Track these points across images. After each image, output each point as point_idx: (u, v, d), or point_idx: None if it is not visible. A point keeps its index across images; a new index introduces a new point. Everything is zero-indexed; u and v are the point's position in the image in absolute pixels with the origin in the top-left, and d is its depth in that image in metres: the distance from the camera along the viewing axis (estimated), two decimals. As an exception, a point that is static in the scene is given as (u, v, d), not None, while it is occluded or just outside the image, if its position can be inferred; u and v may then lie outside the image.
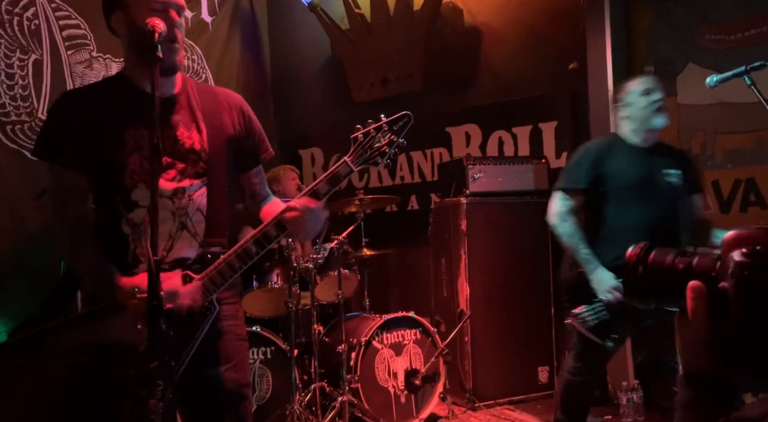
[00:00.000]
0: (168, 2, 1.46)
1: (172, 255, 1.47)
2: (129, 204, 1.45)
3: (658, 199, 2.39)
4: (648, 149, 2.46)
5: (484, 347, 3.46)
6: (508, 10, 3.93)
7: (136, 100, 1.47)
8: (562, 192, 2.48)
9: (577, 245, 2.39)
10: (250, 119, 1.63)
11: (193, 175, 1.50)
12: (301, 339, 3.24)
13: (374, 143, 1.43)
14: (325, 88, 4.69)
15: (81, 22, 3.46)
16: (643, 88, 2.44)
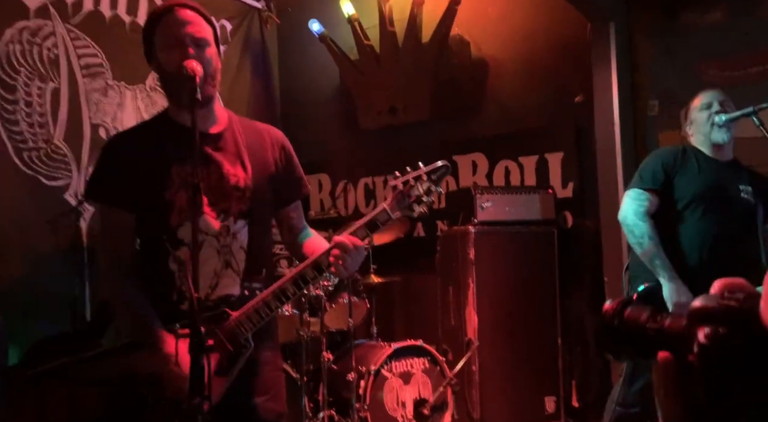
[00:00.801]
0: (188, 37, 1.46)
1: (217, 293, 1.49)
2: (176, 242, 1.46)
3: (731, 211, 2.29)
4: (723, 163, 2.39)
5: (492, 376, 3.46)
6: (514, 43, 4.03)
7: (182, 139, 1.49)
8: (636, 190, 2.33)
9: (657, 248, 2.22)
10: (291, 156, 1.66)
11: (237, 213, 1.52)
12: (310, 367, 3.24)
13: (413, 191, 1.45)
14: (333, 115, 4.76)
15: (98, 52, 3.54)
16: (702, 103, 2.41)
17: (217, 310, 1.45)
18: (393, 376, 3.15)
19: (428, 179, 1.45)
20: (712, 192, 2.31)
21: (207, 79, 1.47)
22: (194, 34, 1.47)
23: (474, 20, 4.16)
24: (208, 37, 1.52)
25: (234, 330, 1.44)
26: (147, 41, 1.55)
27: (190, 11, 1.51)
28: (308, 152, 4.90)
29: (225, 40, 4.47)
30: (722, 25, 3.43)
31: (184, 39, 1.46)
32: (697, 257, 2.28)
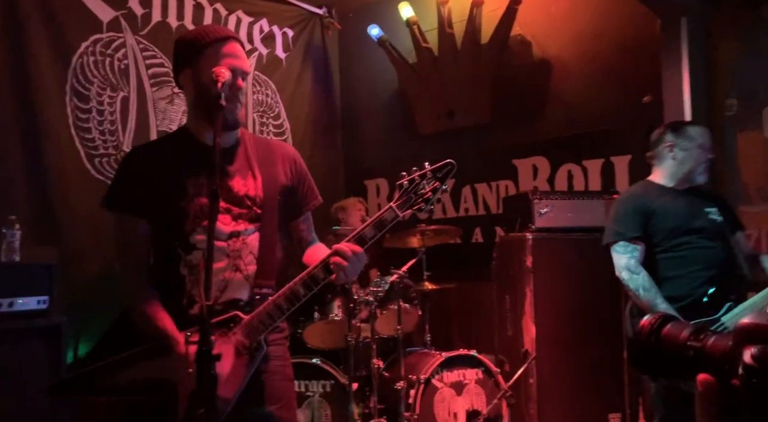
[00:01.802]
0: (236, 68, 1.55)
1: (226, 296, 1.53)
2: (188, 247, 1.53)
3: (708, 235, 2.35)
4: (683, 191, 2.47)
5: (551, 390, 3.31)
6: (580, 42, 3.85)
7: (197, 152, 1.58)
8: (623, 243, 2.39)
9: (655, 298, 2.28)
10: (301, 170, 1.72)
11: (247, 220, 1.57)
12: (361, 373, 3.23)
13: (419, 189, 1.45)
14: (392, 120, 4.75)
15: (165, 61, 3.71)
16: (703, 141, 2.45)
17: (227, 314, 1.47)
18: (444, 386, 3.08)
19: (434, 177, 1.43)
20: (687, 223, 2.37)
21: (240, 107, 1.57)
22: (244, 68, 1.58)
23: (536, 20, 4.02)
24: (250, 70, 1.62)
25: (247, 333, 1.46)
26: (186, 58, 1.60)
27: (240, 45, 1.62)
28: (367, 157, 4.95)
29: (287, 48, 4.57)
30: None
31: (237, 71, 1.55)
32: (689, 289, 2.31)
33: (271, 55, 4.46)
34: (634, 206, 2.43)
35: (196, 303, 1.51)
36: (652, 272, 2.37)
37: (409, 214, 1.47)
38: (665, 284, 2.34)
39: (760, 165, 3.27)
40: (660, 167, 2.51)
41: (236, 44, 1.59)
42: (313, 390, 2.94)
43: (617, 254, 2.42)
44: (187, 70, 1.59)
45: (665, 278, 2.35)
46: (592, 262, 3.43)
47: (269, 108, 4.43)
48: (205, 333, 1.17)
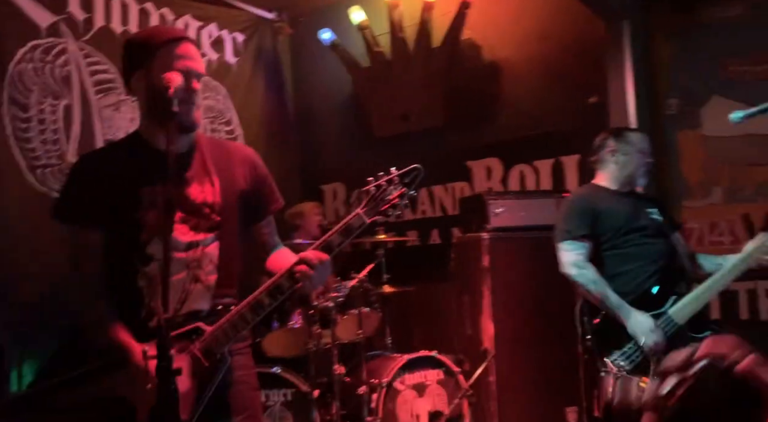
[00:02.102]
0: (191, 70, 1.51)
1: (186, 308, 1.49)
2: (144, 258, 1.48)
3: (651, 234, 2.46)
4: (625, 193, 2.59)
5: (510, 387, 3.36)
6: (527, 45, 3.94)
7: (151, 159, 1.52)
8: (570, 241, 2.48)
9: (605, 290, 2.36)
10: (261, 172, 1.67)
11: (206, 228, 1.53)
12: (323, 380, 3.20)
13: (386, 195, 1.44)
14: (347, 124, 4.74)
15: (110, 67, 3.59)
16: (642, 147, 2.58)
17: (187, 325, 1.44)
18: (406, 388, 3.10)
19: (401, 182, 1.43)
20: (631, 222, 2.46)
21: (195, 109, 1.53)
22: (198, 70, 1.55)
23: (485, 23, 4.09)
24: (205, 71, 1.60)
25: (209, 345, 1.43)
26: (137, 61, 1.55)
27: (194, 47, 1.58)
28: (323, 162, 4.92)
29: (238, 53, 4.50)
30: (742, 21, 3.29)
31: (191, 72, 1.51)
32: (636, 285, 2.40)
33: (221, 60, 4.39)
34: (582, 206, 2.53)
35: (155, 316, 1.46)
36: (600, 269, 2.46)
37: (374, 219, 1.46)
38: (613, 280, 2.42)
39: (699, 162, 3.42)
40: (603, 171, 2.62)
41: (190, 45, 1.55)
42: (274, 400, 2.90)
43: (565, 252, 2.50)
44: (138, 72, 1.54)
45: (613, 275, 2.44)
46: (546, 259, 3.49)
47: (220, 114, 4.35)
48: (163, 346, 1.13)
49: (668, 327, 2.31)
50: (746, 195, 3.27)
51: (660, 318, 2.32)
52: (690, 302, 2.31)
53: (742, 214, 3.26)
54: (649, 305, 2.34)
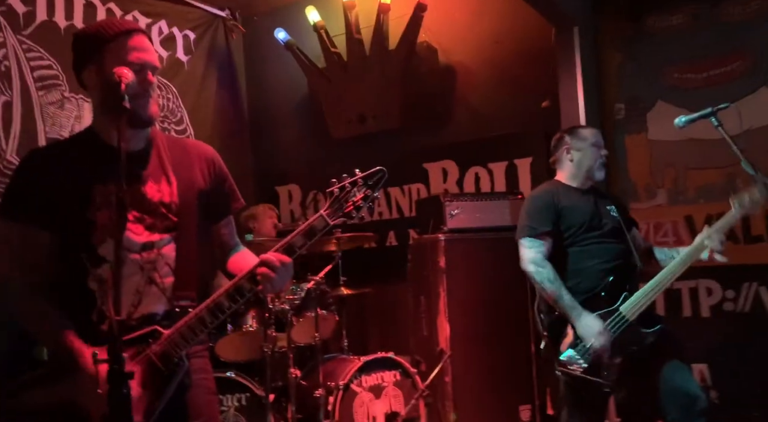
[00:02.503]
0: (146, 63, 1.46)
1: (140, 311, 1.43)
2: (96, 260, 1.42)
3: (609, 231, 2.53)
4: (586, 190, 2.63)
5: (466, 387, 3.40)
6: (481, 49, 4.01)
7: (104, 156, 1.46)
8: (531, 238, 2.52)
9: (560, 290, 2.41)
10: (221, 170, 1.63)
11: (162, 229, 1.48)
12: (278, 384, 3.15)
13: (349, 196, 1.43)
14: (303, 125, 4.70)
15: (53, 63, 3.44)
16: (595, 141, 2.64)
17: (143, 329, 1.39)
18: (363, 390, 3.08)
19: (365, 184, 1.43)
20: (591, 220, 2.52)
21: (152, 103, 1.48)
22: (153, 62, 1.50)
23: (440, 27, 4.13)
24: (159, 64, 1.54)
25: (166, 348, 1.38)
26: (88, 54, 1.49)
27: (147, 40, 1.52)
28: (278, 163, 4.86)
29: (189, 51, 4.39)
30: (684, 30, 3.45)
31: (146, 65, 1.47)
32: (592, 282, 2.47)
33: (172, 58, 4.27)
34: (545, 202, 2.55)
35: (107, 319, 1.39)
36: (562, 265, 2.51)
37: (338, 222, 1.44)
38: (573, 276, 2.48)
39: (645, 165, 3.55)
40: (562, 169, 2.68)
41: (142, 37, 1.50)
42: (228, 405, 2.84)
43: (525, 249, 2.53)
44: (90, 67, 1.47)
45: (574, 271, 2.49)
46: (501, 260, 3.56)
47: (171, 113, 4.23)
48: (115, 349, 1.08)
49: (619, 323, 2.37)
50: (689, 197, 3.41)
51: (612, 315, 2.38)
52: (640, 298, 2.37)
53: (684, 215, 3.41)
54: (603, 303, 2.41)
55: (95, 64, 1.46)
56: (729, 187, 3.25)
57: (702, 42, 3.39)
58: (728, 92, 3.24)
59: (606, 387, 2.35)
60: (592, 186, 2.66)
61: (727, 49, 3.32)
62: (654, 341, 2.38)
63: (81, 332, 1.39)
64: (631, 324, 2.37)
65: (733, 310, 3.22)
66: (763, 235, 3.21)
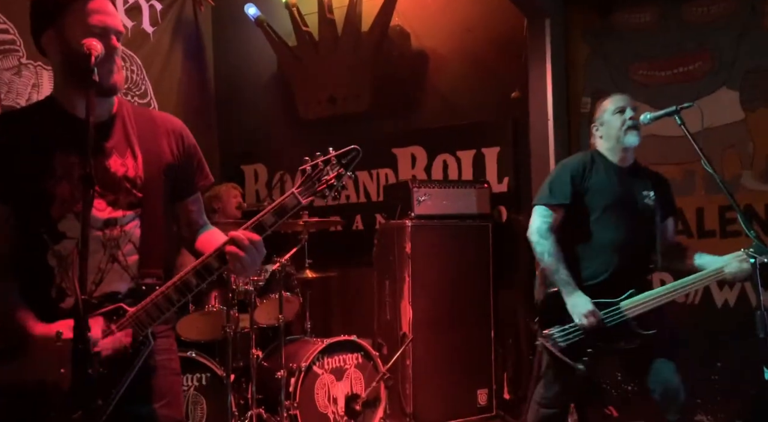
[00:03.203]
0: (108, 27, 1.39)
1: (102, 289, 1.39)
2: (56, 235, 1.36)
3: (636, 219, 2.39)
4: (626, 169, 2.47)
5: (426, 370, 3.46)
6: (453, 36, 4.01)
7: (67, 126, 1.39)
8: (544, 207, 2.42)
9: (557, 265, 2.34)
10: (190, 145, 1.57)
11: (126, 205, 1.43)
12: (239, 364, 3.13)
13: (322, 175, 1.39)
14: (271, 104, 4.62)
15: (10, 27, 3.27)
16: (615, 107, 2.46)
17: (105, 307, 1.35)
18: (325, 372, 3.09)
19: (338, 163, 1.40)
20: (619, 203, 2.40)
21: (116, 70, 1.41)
22: (117, 27, 1.42)
23: (414, 11, 4.11)
24: (123, 29, 1.45)
25: (131, 326, 1.35)
26: (46, 17, 1.41)
27: (110, 4, 1.44)
28: (245, 141, 4.78)
29: (155, 22, 4.25)
30: (651, 28, 3.52)
31: (108, 29, 1.39)
32: (604, 266, 2.40)
33: (137, 28, 4.12)
34: (571, 174, 2.42)
35: (68, 296, 1.35)
36: (576, 241, 2.40)
37: (310, 200, 1.41)
38: (582, 258, 2.38)
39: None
40: (600, 145, 2.52)
41: (107, 1, 1.41)
42: (188, 384, 2.81)
43: (535, 216, 2.43)
44: (49, 31, 1.40)
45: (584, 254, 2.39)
46: (465, 247, 3.63)
47: (135, 85, 4.10)
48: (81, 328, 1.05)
49: (615, 317, 2.30)
50: (647, 192, 3.52)
51: (610, 306, 2.30)
52: (644, 300, 2.29)
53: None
54: (604, 293, 2.33)
55: (55, 28, 1.39)
56: (688, 182, 3.37)
57: (667, 41, 3.47)
58: (690, 91, 3.34)
59: (579, 371, 2.31)
60: (635, 164, 2.49)
61: (690, 49, 3.42)
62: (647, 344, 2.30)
63: (39, 309, 1.35)
64: (627, 320, 2.30)
65: (684, 302, 3.35)
66: (716, 230, 3.34)
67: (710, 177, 2.26)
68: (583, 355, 2.31)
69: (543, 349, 2.41)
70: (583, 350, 2.31)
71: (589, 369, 2.33)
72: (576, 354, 2.32)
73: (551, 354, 2.37)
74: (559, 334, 2.34)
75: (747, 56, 3.29)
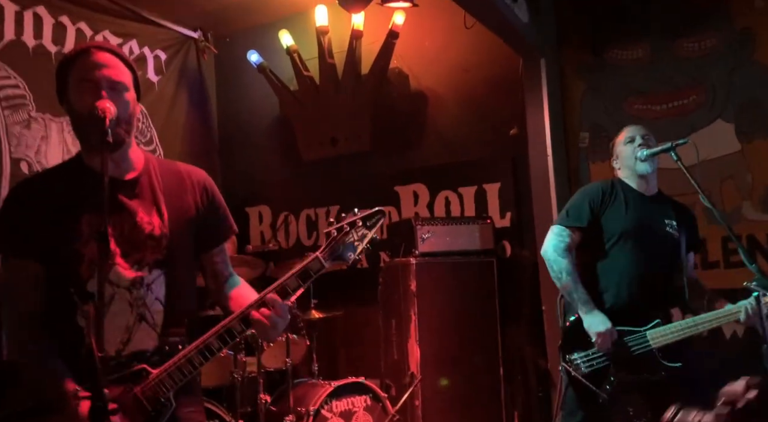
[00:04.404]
0: (103, 78, 1.40)
1: (130, 348, 1.39)
2: (84, 295, 1.37)
3: (655, 247, 2.38)
4: (649, 198, 2.49)
5: (435, 410, 3.41)
6: (451, 77, 4.10)
7: (93, 185, 1.41)
8: (560, 227, 2.44)
9: (575, 284, 2.33)
10: (214, 197, 1.58)
11: (152, 263, 1.44)
12: (247, 409, 3.11)
13: (347, 238, 1.40)
14: (274, 146, 4.70)
15: (20, 82, 3.37)
16: (627, 137, 2.52)
17: (131, 367, 1.36)
18: (333, 416, 3.06)
19: (363, 225, 1.40)
20: (638, 230, 2.39)
21: (121, 123, 1.42)
22: (111, 77, 1.42)
23: (412, 54, 4.22)
24: (125, 82, 1.46)
25: (154, 388, 1.35)
26: (60, 81, 1.48)
27: (109, 54, 1.46)
28: (248, 184, 4.84)
29: (160, 71, 4.37)
30: (644, 63, 3.61)
31: (99, 82, 1.41)
32: (622, 293, 2.39)
33: (142, 78, 4.19)
34: (591, 198, 2.44)
35: None
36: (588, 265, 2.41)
37: (334, 263, 1.41)
38: (601, 284, 2.38)
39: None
40: (620, 175, 2.56)
41: (102, 53, 1.43)
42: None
43: (552, 234, 2.45)
44: (65, 94, 1.46)
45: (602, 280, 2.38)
46: (470, 284, 3.63)
47: (140, 133, 4.19)
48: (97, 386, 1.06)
49: (640, 346, 2.29)
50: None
51: (634, 334, 2.29)
52: (672, 331, 2.27)
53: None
54: (629, 321, 2.32)
55: (66, 90, 1.45)
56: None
57: (660, 75, 3.55)
58: (686, 124, 3.40)
59: (601, 399, 2.26)
60: (659, 193, 2.51)
61: (684, 83, 3.49)
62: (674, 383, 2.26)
63: (71, 367, 1.35)
64: (651, 351, 2.28)
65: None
66: (719, 261, 3.35)
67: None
68: (606, 383, 2.27)
69: (565, 375, 2.36)
70: (606, 377, 2.27)
71: (612, 399, 2.28)
72: (599, 382, 2.28)
73: (573, 382, 2.32)
74: (581, 359, 2.31)
75: (741, 89, 3.35)
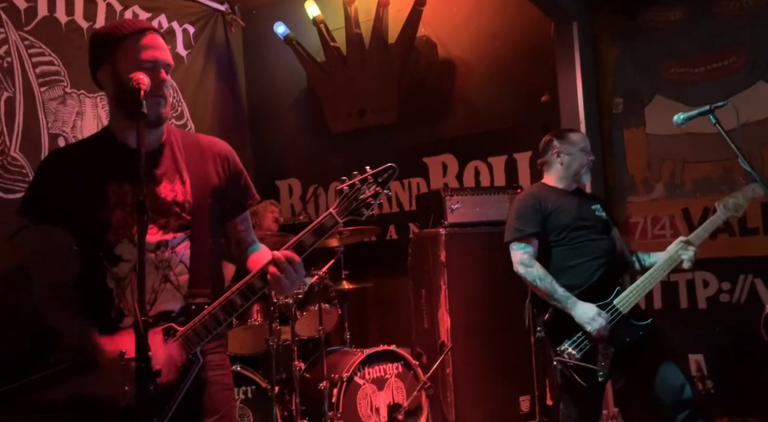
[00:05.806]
0: (158, 61, 1.48)
1: (156, 308, 1.46)
2: (113, 259, 1.45)
3: (598, 229, 2.63)
4: (572, 192, 2.72)
5: (466, 378, 3.45)
6: (480, 44, 4.03)
7: (120, 156, 1.49)
8: (518, 242, 2.62)
9: (552, 285, 2.50)
10: (236, 167, 1.64)
11: (176, 228, 1.50)
12: (282, 376, 3.20)
13: (359, 194, 1.44)
14: (302, 119, 4.72)
15: (54, 59, 3.43)
16: (584, 146, 2.71)
17: (159, 326, 1.42)
18: (366, 382, 3.13)
19: (375, 181, 1.45)
20: (579, 219, 2.61)
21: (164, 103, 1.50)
22: (166, 60, 1.51)
23: (440, 21, 4.15)
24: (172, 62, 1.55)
25: (182, 345, 1.41)
26: (102, 53, 1.51)
27: (161, 39, 1.54)
28: (277, 157, 4.88)
29: (188, 45, 4.39)
30: (681, 25, 3.48)
31: (158, 63, 1.48)
32: (585, 275, 2.56)
33: (172, 52, 4.20)
34: (533, 205, 2.64)
35: (125, 316, 1.44)
36: (552, 264, 2.60)
37: (348, 219, 1.46)
38: (563, 274, 2.56)
39: (643, 159, 3.60)
40: (550, 172, 2.76)
41: (155, 35, 1.51)
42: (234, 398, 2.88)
43: (513, 251, 2.64)
44: (105, 66, 1.49)
45: (562, 269, 2.58)
46: (499, 254, 3.57)
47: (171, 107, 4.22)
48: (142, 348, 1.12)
49: (614, 315, 2.48)
50: (685, 190, 3.46)
51: (606, 307, 2.48)
52: (632, 293, 2.50)
53: (681, 208, 3.46)
54: (596, 297, 2.50)
55: (109, 63, 1.48)
56: (725, 180, 3.31)
57: (698, 37, 3.42)
58: (725, 87, 3.29)
59: (600, 376, 2.43)
60: (577, 188, 2.75)
61: (723, 44, 3.36)
62: (646, 338, 2.50)
63: (101, 328, 1.43)
64: (623, 316, 2.48)
65: (729, 301, 3.28)
66: (758, 228, 3.26)
67: (749, 174, 2.25)
68: (599, 359, 2.44)
69: (559, 368, 2.48)
70: (596, 355, 2.43)
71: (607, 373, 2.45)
72: (594, 361, 2.44)
73: (564, 375, 2.46)
74: (571, 347, 2.43)
75: (783, 49, 3.22)
